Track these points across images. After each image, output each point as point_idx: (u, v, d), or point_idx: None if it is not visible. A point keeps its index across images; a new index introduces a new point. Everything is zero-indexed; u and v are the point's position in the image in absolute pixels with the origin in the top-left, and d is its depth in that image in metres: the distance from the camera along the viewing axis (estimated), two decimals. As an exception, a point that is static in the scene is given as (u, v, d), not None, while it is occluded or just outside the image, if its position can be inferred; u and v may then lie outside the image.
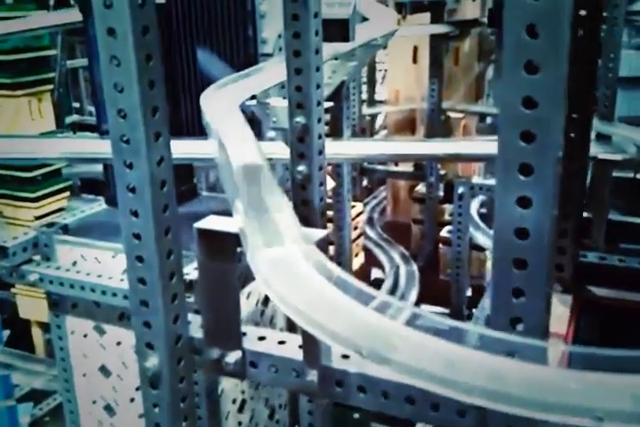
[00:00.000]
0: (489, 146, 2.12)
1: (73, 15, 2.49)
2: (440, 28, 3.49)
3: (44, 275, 1.91)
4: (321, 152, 1.52)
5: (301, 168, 1.50)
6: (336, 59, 2.03)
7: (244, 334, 1.12)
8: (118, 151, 0.95)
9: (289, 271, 0.73)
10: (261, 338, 1.11)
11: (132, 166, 0.95)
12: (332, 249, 3.04)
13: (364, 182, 5.43)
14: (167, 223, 1.01)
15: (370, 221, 5.01)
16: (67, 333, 2.13)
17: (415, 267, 4.25)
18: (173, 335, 1.08)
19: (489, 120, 4.13)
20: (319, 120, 1.48)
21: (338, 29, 1.82)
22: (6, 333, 2.63)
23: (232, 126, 1.13)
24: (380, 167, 4.79)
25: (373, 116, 5.86)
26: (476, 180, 3.48)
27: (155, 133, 0.94)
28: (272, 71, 1.57)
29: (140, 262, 1.01)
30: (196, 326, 1.13)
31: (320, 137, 1.50)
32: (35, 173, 2.78)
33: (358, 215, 4.18)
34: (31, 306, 3.07)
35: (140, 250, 1.00)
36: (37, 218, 2.84)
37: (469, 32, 4.05)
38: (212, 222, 0.98)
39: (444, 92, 4.13)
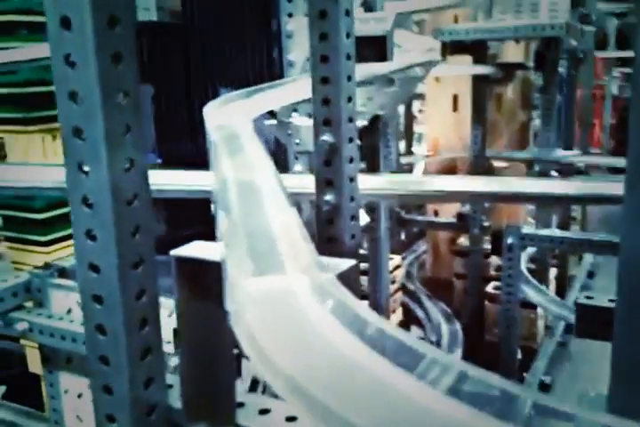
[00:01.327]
0: (557, 185, 1.83)
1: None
2: (482, 69, 3.27)
3: (34, 324, 1.66)
4: (352, 179, 1.26)
5: (328, 197, 1.24)
6: (371, 84, 1.81)
7: (241, 404, 0.83)
8: (70, 150, 0.71)
9: (289, 317, 0.45)
10: (264, 411, 0.83)
11: (89, 172, 0.70)
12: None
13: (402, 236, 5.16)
14: (137, 252, 0.75)
15: (408, 276, 4.70)
16: (60, 392, 1.86)
17: (458, 326, 3.91)
18: (144, 405, 0.80)
19: (537, 168, 3.84)
20: (350, 140, 1.23)
21: (374, 48, 1.60)
22: (2, 388, 2.38)
23: (237, 131, 0.88)
24: (419, 218, 4.51)
25: (410, 167, 5.64)
26: (527, 229, 3.18)
27: (122, 126, 0.70)
28: (294, 86, 1.34)
29: (99, 304, 0.75)
30: (177, 393, 0.85)
31: (351, 161, 1.25)
32: (47, 214, 2.58)
33: (396, 269, 3.91)
34: (40, 360, 2.82)
35: (99, 287, 0.74)
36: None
37: (513, 76, 3.82)
38: (196, 249, 0.72)
39: (487, 140, 3.89)
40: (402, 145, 5.48)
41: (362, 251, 2.72)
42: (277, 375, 0.40)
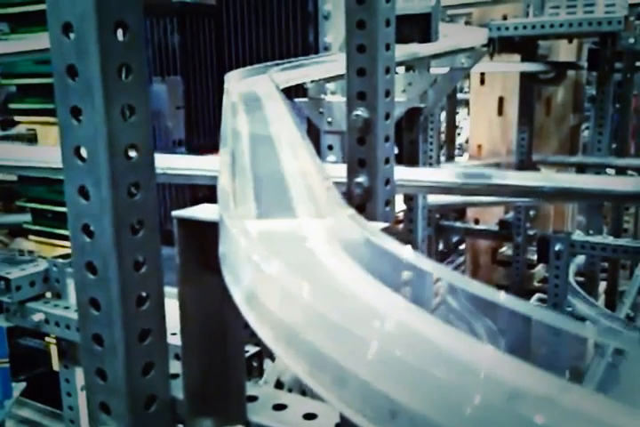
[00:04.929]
0: (615, 182, 1.67)
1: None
2: (532, 66, 3.12)
3: (50, 315, 1.58)
4: (388, 160, 1.15)
5: (361, 180, 1.13)
6: (413, 70, 1.70)
7: (253, 398, 0.73)
8: (61, 90, 0.62)
9: (298, 262, 0.34)
10: (279, 407, 0.71)
11: (81, 117, 0.61)
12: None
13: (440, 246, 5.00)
14: (136, 214, 0.65)
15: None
16: (77, 388, 1.78)
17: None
18: (142, 394, 0.69)
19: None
20: (387, 116, 1.12)
21: (416, 27, 1.49)
22: (22, 385, 2.31)
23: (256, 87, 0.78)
24: (458, 224, 4.35)
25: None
26: (577, 236, 3.00)
27: (118, 67, 0.60)
28: (328, 61, 1.24)
29: (92, 274, 0.65)
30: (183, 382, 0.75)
31: (387, 139, 1.14)
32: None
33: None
34: (66, 359, 2.75)
35: (92, 253, 0.65)
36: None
37: (564, 76, 3.65)
38: (201, 211, 0.62)
39: (533, 145, 3.72)
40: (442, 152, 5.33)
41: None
42: (269, 326, 0.29)
